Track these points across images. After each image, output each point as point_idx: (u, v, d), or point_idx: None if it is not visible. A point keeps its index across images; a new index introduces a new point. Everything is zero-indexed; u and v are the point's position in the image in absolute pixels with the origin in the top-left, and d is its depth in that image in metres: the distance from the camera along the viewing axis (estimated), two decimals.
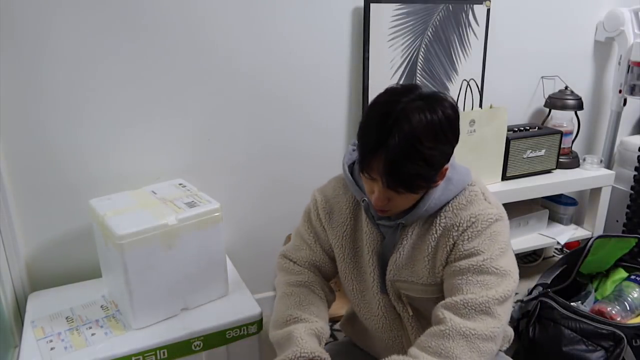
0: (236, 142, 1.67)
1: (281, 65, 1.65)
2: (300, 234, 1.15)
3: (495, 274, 0.93)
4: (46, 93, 1.40)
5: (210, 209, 1.31)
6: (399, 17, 1.74)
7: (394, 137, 0.85)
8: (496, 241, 0.95)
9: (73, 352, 1.18)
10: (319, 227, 1.12)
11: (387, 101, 0.90)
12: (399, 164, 0.87)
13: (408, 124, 0.85)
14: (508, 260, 0.97)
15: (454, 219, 0.98)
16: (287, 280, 1.11)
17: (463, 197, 0.99)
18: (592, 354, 1.41)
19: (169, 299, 1.30)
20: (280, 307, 1.07)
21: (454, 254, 0.97)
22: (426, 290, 1.02)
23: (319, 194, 1.13)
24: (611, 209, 2.13)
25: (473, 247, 0.95)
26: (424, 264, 1.00)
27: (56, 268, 1.53)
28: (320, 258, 1.13)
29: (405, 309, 1.07)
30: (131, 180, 1.53)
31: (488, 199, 1.00)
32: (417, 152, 0.86)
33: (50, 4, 1.34)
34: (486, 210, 0.97)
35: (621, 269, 1.76)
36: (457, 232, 0.97)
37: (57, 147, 1.45)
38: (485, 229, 0.96)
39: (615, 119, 2.17)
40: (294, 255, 1.14)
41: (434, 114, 0.87)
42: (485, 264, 0.93)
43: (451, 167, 0.98)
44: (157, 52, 1.48)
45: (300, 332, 0.98)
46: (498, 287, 0.92)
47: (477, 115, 1.76)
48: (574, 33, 2.12)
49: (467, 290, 0.92)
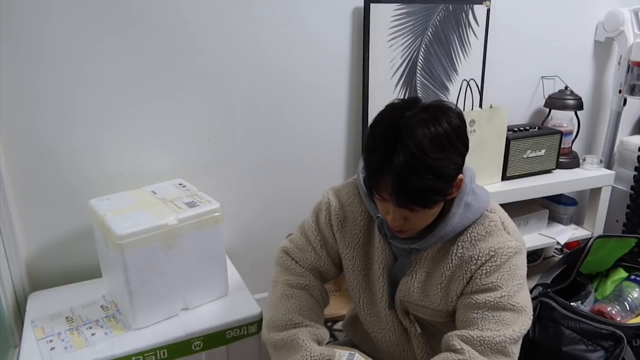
0: (236, 142, 1.67)
1: (281, 65, 1.65)
2: (306, 234, 1.12)
3: (512, 310, 0.92)
4: (46, 93, 1.40)
5: (210, 209, 1.31)
6: (399, 17, 1.74)
7: (399, 155, 0.83)
8: (515, 276, 0.93)
9: (73, 352, 1.18)
10: (328, 233, 1.09)
11: (389, 118, 0.88)
12: (407, 180, 0.84)
13: (412, 139, 0.83)
14: (524, 294, 0.95)
15: (472, 250, 0.95)
16: (287, 280, 1.09)
17: (482, 226, 0.96)
18: (592, 354, 1.41)
19: (169, 299, 1.30)
20: (279, 309, 1.04)
21: (471, 286, 0.94)
22: (436, 314, 1.01)
23: (334, 198, 1.08)
24: (611, 209, 2.13)
25: (491, 281, 0.93)
26: (436, 291, 0.98)
27: (56, 268, 1.53)
28: (325, 263, 1.10)
29: (413, 326, 1.05)
30: (131, 180, 1.53)
31: (507, 228, 0.97)
32: (424, 166, 0.83)
33: (47, 3, 1.33)
34: (506, 244, 0.94)
35: (621, 269, 1.76)
36: (475, 265, 0.94)
37: (57, 147, 1.45)
38: (504, 263, 0.93)
39: (615, 119, 2.17)
40: (297, 254, 1.11)
41: (439, 126, 0.84)
42: (503, 300, 0.91)
43: (472, 192, 0.95)
44: (157, 52, 1.48)
45: (304, 336, 0.97)
46: (514, 324, 0.91)
47: (477, 115, 1.76)
48: (574, 33, 2.12)
49: (483, 326, 0.91)
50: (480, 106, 1.92)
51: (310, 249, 1.11)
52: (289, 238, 1.17)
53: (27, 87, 1.38)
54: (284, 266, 1.12)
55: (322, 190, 1.15)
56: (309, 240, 1.11)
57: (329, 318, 1.86)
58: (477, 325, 0.91)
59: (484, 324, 0.91)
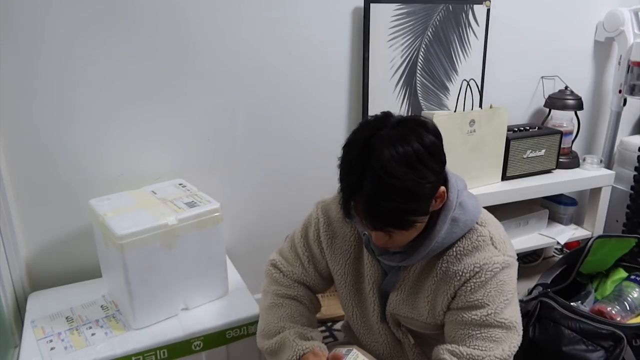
0: (236, 142, 1.67)
1: (281, 65, 1.65)
2: (295, 248, 1.11)
3: (500, 327, 0.91)
4: (46, 93, 1.40)
5: (210, 209, 1.31)
6: (399, 17, 1.74)
7: (367, 178, 0.81)
8: (502, 292, 0.91)
9: (73, 352, 1.18)
10: (316, 249, 1.08)
11: (359, 139, 0.85)
12: (377, 204, 0.82)
13: (378, 162, 0.80)
14: (513, 309, 0.94)
15: (457, 265, 0.93)
16: (276, 290, 1.09)
17: (469, 240, 0.93)
18: (592, 354, 1.41)
19: (169, 299, 1.30)
20: (270, 317, 1.05)
21: (456, 302, 0.93)
22: (426, 326, 1.01)
23: (322, 214, 1.07)
24: (611, 209, 2.13)
25: (477, 298, 0.91)
26: (424, 304, 0.98)
27: (56, 268, 1.53)
28: (312, 278, 1.10)
29: (407, 337, 1.06)
30: (131, 180, 1.53)
31: (495, 243, 0.93)
32: (392, 189, 0.80)
33: (46, 3, 1.33)
34: (492, 259, 0.91)
35: (621, 269, 1.76)
36: (459, 281, 0.92)
37: (57, 147, 1.45)
38: (491, 279, 0.91)
39: (615, 119, 2.17)
40: (285, 268, 1.11)
41: (407, 145, 0.81)
42: (489, 318, 0.90)
43: (459, 206, 0.92)
44: (157, 53, 1.48)
45: (292, 336, 0.98)
46: (504, 343, 0.90)
47: (477, 115, 1.76)
48: (574, 33, 2.12)
49: (471, 344, 0.90)
50: (480, 106, 1.92)
51: (298, 263, 1.10)
52: (279, 250, 1.17)
53: (28, 87, 1.38)
54: (273, 278, 1.12)
55: (322, 191, 1.15)
56: (297, 255, 1.11)
57: (329, 318, 1.86)
58: (466, 343, 0.91)
59: (472, 341, 0.90)
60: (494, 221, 0.99)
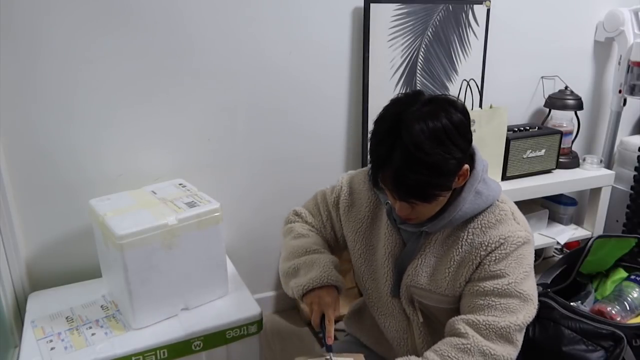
0: (236, 142, 1.67)
1: (281, 65, 1.65)
2: (318, 205, 1.18)
3: (518, 297, 0.93)
4: (46, 93, 1.40)
5: (210, 209, 1.31)
6: (399, 17, 1.74)
7: (397, 151, 0.86)
8: (522, 264, 0.95)
9: (73, 352, 1.18)
10: (334, 214, 1.15)
11: (391, 114, 0.90)
12: (405, 176, 0.87)
13: (409, 136, 0.85)
14: (531, 283, 0.97)
15: (482, 236, 0.97)
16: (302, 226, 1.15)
17: (492, 214, 0.98)
18: (592, 354, 1.41)
19: (169, 299, 1.30)
20: (296, 243, 1.10)
21: (479, 272, 0.96)
22: (442, 300, 1.02)
23: (346, 184, 1.14)
24: (611, 209, 2.13)
25: (499, 269, 0.94)
26: (444, 275, 1.00)
27: (56, 268, 1.53)
28: (329, 234, 1.16)
29: (416, 314, 1.06)
30: (131, 180, 1.53)
31: (517, 219, 0.99)
32: (420, 162, 0.85)
33: (45, 3, 1.33)
34: (515, 233, 0.96)
35: (621, 269, 1.76)
36: (485, 251, 0.96)
37: (57, 147, 1.45)
38: (513, 252, 0.95)
39: (615, 119, 2.17)
40: (307, 218, 1.18)
41: (437, 121, 0.86)
42: (510, 287, 0.93)
43: (482, 181, 0.97)
44: (157, 52, 1.48)
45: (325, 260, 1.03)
46: (520, 312, 0.93)
47: (477, 115, 1.76)
48: (574, 33, 2.12)
49: (489, 313, 0.93)
50: (480, 106, 1.92)
51: (319, 217, 1.17)
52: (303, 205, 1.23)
53: (27, 87, 1.38)
54: (293, 221, 1.19)
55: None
56: (319, 210, 1.17)
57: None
58: (484, 311, 0.93)
59: (490, 311, 0.93)
60: (512, 202, 1.04)
